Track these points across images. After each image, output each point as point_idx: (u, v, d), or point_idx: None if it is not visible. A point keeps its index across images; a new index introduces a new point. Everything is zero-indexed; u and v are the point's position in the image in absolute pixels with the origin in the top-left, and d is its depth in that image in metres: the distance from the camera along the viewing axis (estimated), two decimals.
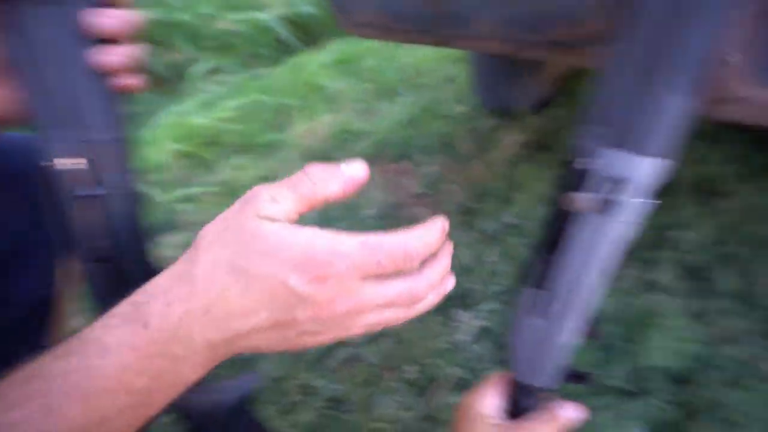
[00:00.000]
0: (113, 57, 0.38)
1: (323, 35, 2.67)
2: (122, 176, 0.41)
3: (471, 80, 1.76)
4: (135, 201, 0.43)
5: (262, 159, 1.82)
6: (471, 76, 1.70)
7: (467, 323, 1.07)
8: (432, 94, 2.01)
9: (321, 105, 2.09)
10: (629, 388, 0.92)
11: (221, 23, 2.40)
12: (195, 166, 1.78)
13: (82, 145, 0.39)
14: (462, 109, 1.84)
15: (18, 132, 0.54)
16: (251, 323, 0.30)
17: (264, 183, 0.35)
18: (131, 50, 0.39)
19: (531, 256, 0.50)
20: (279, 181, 0.33)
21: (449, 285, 0.39)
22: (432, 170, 1.58)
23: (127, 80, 0.40)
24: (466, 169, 1.54)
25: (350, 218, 1.44)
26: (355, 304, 0.32)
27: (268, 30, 2.52)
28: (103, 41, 0.38)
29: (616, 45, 0.40)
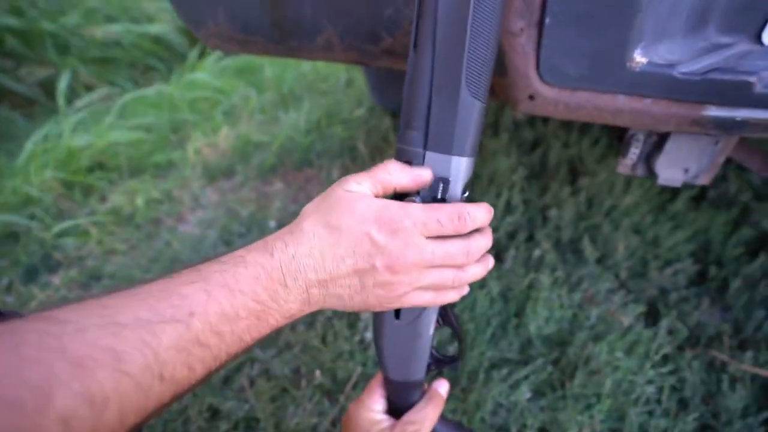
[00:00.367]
0: None
1: None
2: None
3: (366, 83, 1.81)
4: None
5: (157, 181, 1.71)
6: (366, 79, 1.74)
7: (371, 321, 1.10)
8: (332, 99, 2.03)
9: (220, 118, 2.02)
10: (519, 358, 1.01)
11: (98, 32, 2.20)
12: (79, 196, 1.63)
13: None
14: (361, 112, 1.88)
15: None
16: (340, 268, 0.40)
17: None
18: None
19: None
20: (363, 172, 0.44)
21: (491, 263, 0.48)
22: (335, 175, 1.59)
23: None
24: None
25: (255, 230, 1.41)
26: (421, 257, 0.41)
27: (158, 40, 2.36)
28: None
29: (418, 57, 0.44)
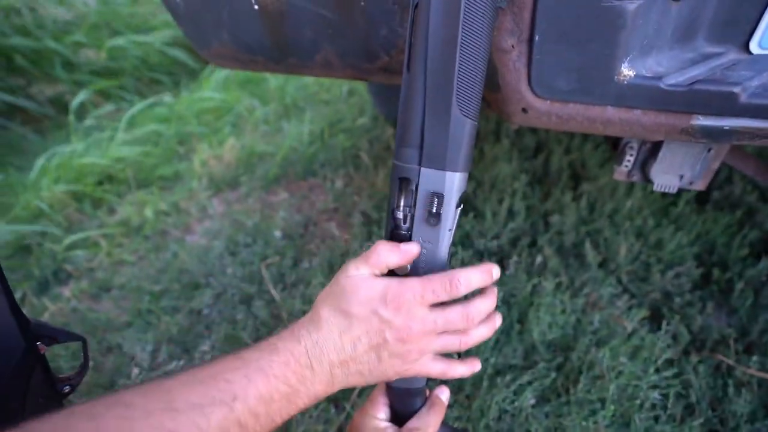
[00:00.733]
0: None
1: None
2: None
3: (369, 93, 1.83)
4: None
5: (165, 192, 1.74)
6: (368, 89, 1.76)
7: None
8: (334, 109, 2.06)
9: (225, 129, 2.05)
10: (523, 364, 1.02)
11: (102, 49, 2.25)
12: (88, 209, 1.66)
13: None
14: (363, 121, 1.90)
15: None
16: (357, 347, 0.46)
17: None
18: None
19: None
20: (359, 257, 0.49)
21: (498, 321, 0.52)
22: (338, 184, 1.61)
23: None
24: (369, 179, 1.60)
25: (260, 240, 1.43)
26: (424, 326, 0.46)
27: (162, 54, 2.41)
28: None
29: (411, 78, 0.45)
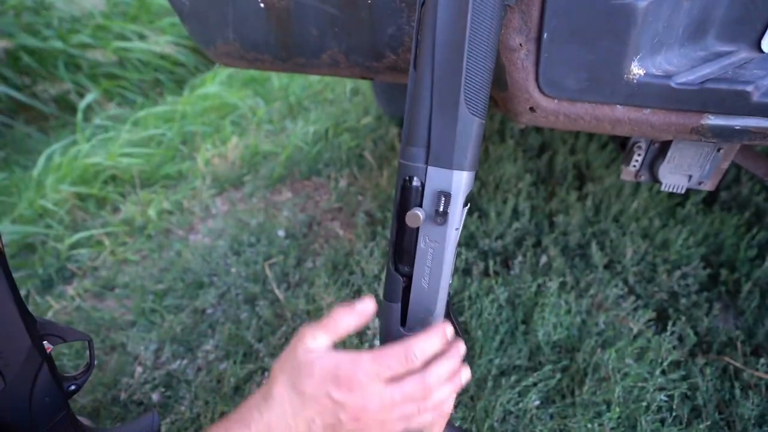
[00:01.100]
0: None
1: None
2: None
3: (373, 92, 1.83)
4: None
5: (169, 191, 1.75)
6: (373, 88, 1.76)
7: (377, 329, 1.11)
8: (339, 108, 2.05)
9: (229, 129, 2.05)
10: (528, 365, 1.01)
11: (107, 50, 2.26)
12: (92, 208, 1.67)
13: None
14: (367, 121, 1.90)
15: None
16: (312, 428, 0.44)
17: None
18: None
19: (387, 270, 0.54)
20: (316, 324, 0.47)
21: (464, 378, 0.50)
22: (342, 183, 1.61)
23: None
24: (374, 179, 1.59)
25: (264, 240, 1.43)
26: (381, 403, 0.44)
27: (165, 56, 2.42)
28: None
29: (418, 76, 0.45)
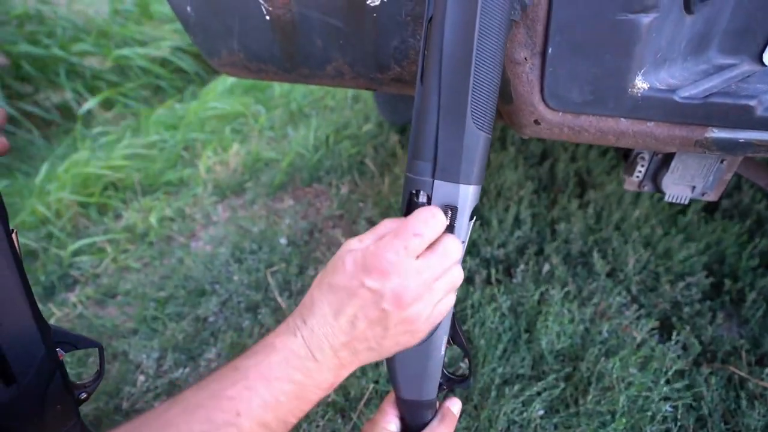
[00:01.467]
0: None
1: None
2: None
3: (374, 99, 1.84)
4: None
5: (171, 198, 1.75)
6: (374, 96, 1.77)
7: None
8: (340, 115, 2.06)
9: (230, 136, 2.06)
10: (531, 374, 1.01)
11: (108, 58, 2.27)
12: (94, 215, 1.67)
13: None
14: (368, 128, 1.90)
15: None
16: (357, 326, 0.41)
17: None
18: None
19: None
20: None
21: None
22: (344, 190, 1.61)
23: None
24: (375, 186, 1.60)
25: (266, 247, 1.43)
26: (422, 279, 0.41)
27: (166, 63, 2.43)
28: None
29: (425, 90, 0.45)
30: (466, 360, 1.03)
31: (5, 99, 2.05)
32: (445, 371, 0.60)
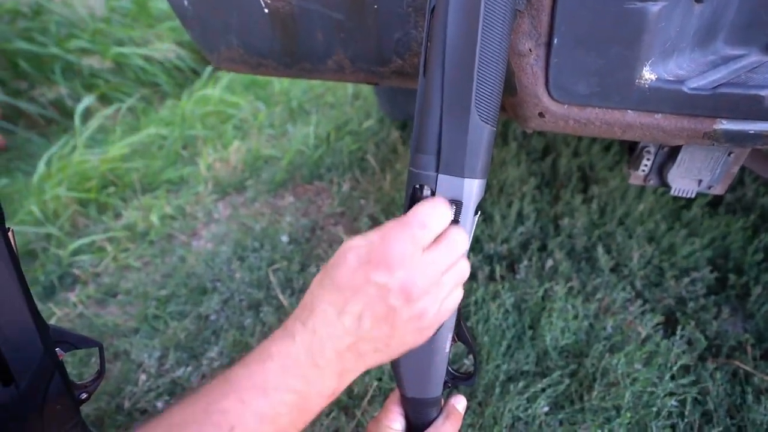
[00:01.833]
0: None
1: None
2: None
3: (375, 95, 1.82)
4: None
5: (171, 196, 1.74)
6: (375, 91, 1.76)
7: None
8: (340, 111, 2.05)
9: (230, 133, 2.05)
10: (535, 370, 1.00)
11: (105, 59, 2.26)
12: (94, 213, 1.66)
13: None
14: (369, 124, 1.89)
15: None
16: (363, 325, 0.38)
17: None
18: None
19: None
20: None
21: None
22: (345, 187, 1.60)
23: None
24: (376, 183, 1.59)
25: (268, 245, 1.42)
26: (429, 272, 0.38)
27: (165, 61, 2.41)
28: None
29: (428, 82, 0.44)
30: (471, 357, 1.03)
31: (2, 96, 2.04)
32: (450, 369, 0.59)
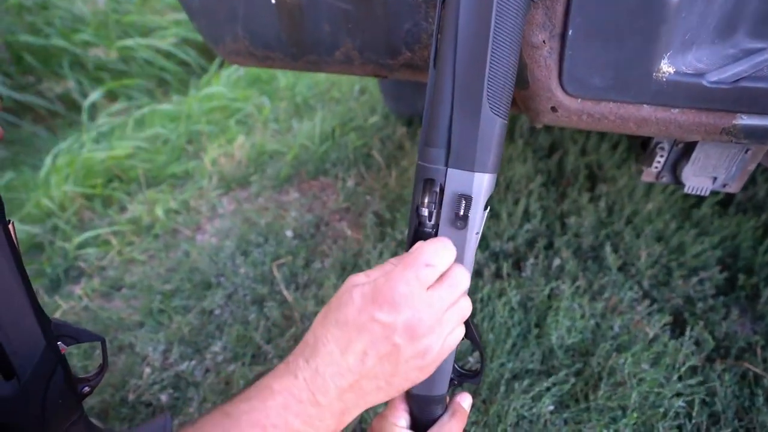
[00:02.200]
0: None
1: None
2: None
3: (380, 90, 1.81)
4: None
5: (175, 191, 1.74)
6: (380, 87, 1.74)
7: None
8: (345, 107, 2.04)
9: (235, 128, 2.04)
10: (541, 369, 0.99)
11: (111, 48, 2.25)
12: (99, 207, 1.66)
13: None
14: (374, 120, 1.88)
15: None
16: (366, 363, 0.38)
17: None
18: None
19: None
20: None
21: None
22: (350, 183, 1.60)
23: None
24: (382, 179, 1.58)
25: (272, 240, 1.42)
26: (434, 310, 0.39)
27: (170, 55, 2.41)
28: None
29: (438, 75, 0.43)
30: (476, 354, 1.02)
31: (7, 90, 2.05)
32: (456, 366, 0.59)
